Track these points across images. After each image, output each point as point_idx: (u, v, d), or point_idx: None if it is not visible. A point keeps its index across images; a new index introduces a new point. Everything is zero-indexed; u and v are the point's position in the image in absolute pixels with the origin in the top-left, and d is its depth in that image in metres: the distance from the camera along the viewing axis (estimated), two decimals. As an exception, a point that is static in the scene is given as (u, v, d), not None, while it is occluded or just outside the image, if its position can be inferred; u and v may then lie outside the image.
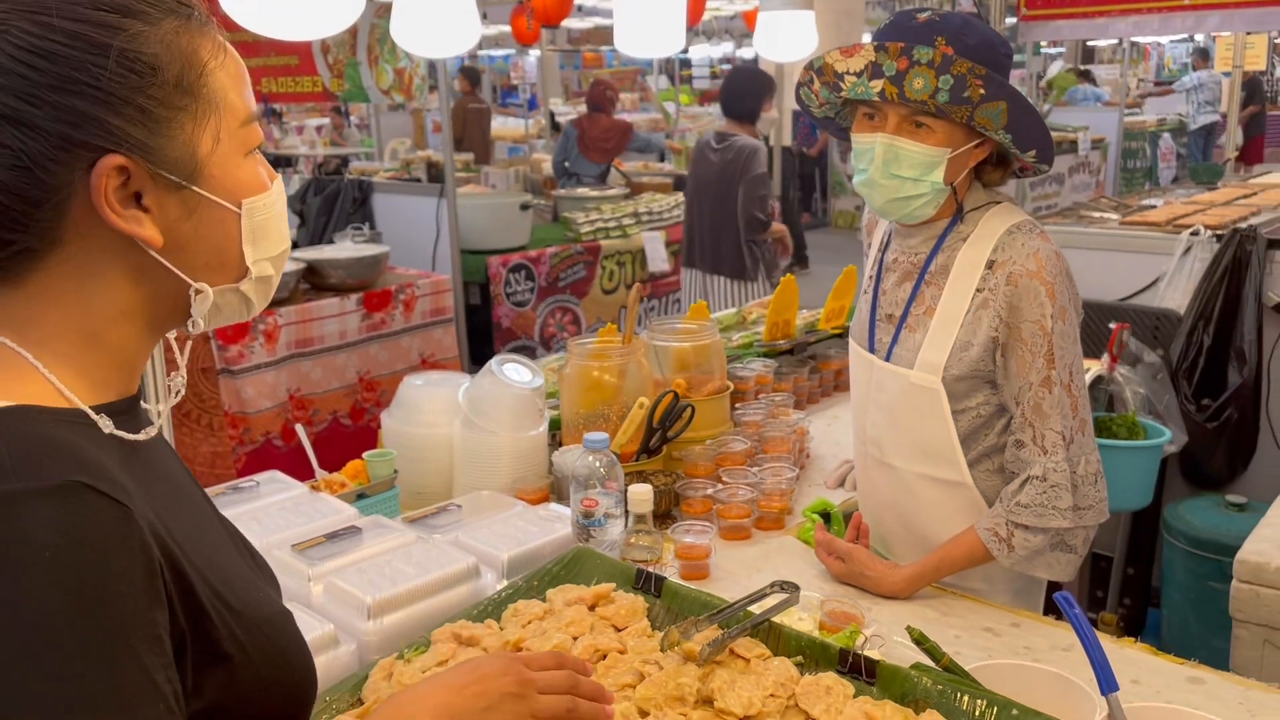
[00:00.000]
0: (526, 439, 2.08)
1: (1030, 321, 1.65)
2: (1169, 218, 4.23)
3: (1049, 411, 1.65)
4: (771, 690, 1.28)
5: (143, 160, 0.80)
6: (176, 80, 0.81)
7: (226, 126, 0.85)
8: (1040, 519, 1.65)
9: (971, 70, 1.55)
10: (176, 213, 0.83)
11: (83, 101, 0.77)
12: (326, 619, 1.48)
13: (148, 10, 0.80)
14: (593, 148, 7.73)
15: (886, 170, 1.65)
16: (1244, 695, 1.48)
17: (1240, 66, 6.62)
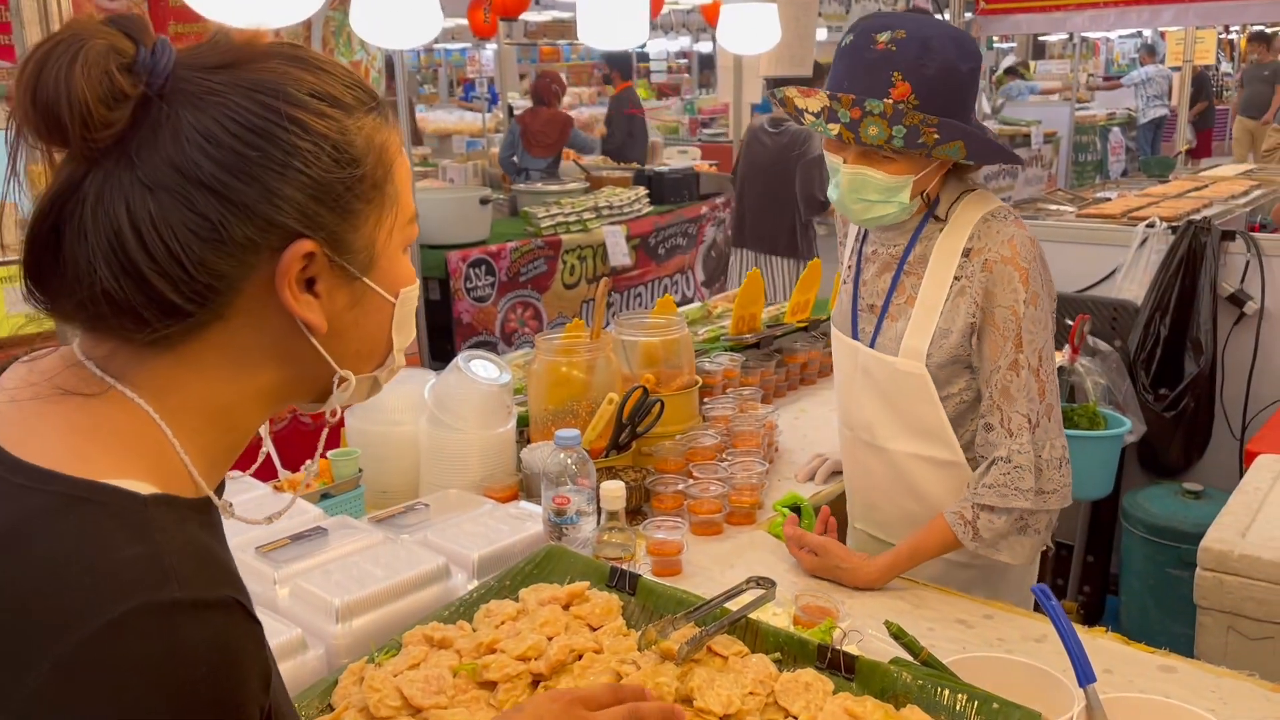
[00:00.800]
0: (494, 436, 2.05)
1: (1003, 306, 1.68)
2: (1124, 210, 4.29)
3: (1015, 395, 1.68)
4: (751, 688, 1.27)
5: (329, 248, 0.79)
6: (372, 175, 0.82)
7: (399, 222, 0.86)
8: (1003, 499, 1.67)
9: (924, 121, 1.58)
10: (344, 301, 0.83)
11: (291, 187, 0.76)
12: (293, 623, 1.45)
13: (352, 105, 0.81)
14: (535, 142, 7.66)
15: (854, 195, 1.70)
16: (1216, 684, 1.49)
17: (1190, 61, 6.72)
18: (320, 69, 0.81)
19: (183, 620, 0.68)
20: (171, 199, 0.73)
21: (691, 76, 16.60)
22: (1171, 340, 3.58)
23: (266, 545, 1.63)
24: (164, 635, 0.67)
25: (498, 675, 1.32)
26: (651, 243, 6.58)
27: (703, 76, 16.45)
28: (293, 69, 0.79)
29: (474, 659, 1.37)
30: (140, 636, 0.66)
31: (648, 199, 6.56)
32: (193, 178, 0.73)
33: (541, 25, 13.95)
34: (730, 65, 6.70)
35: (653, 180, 6.76)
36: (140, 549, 0.69)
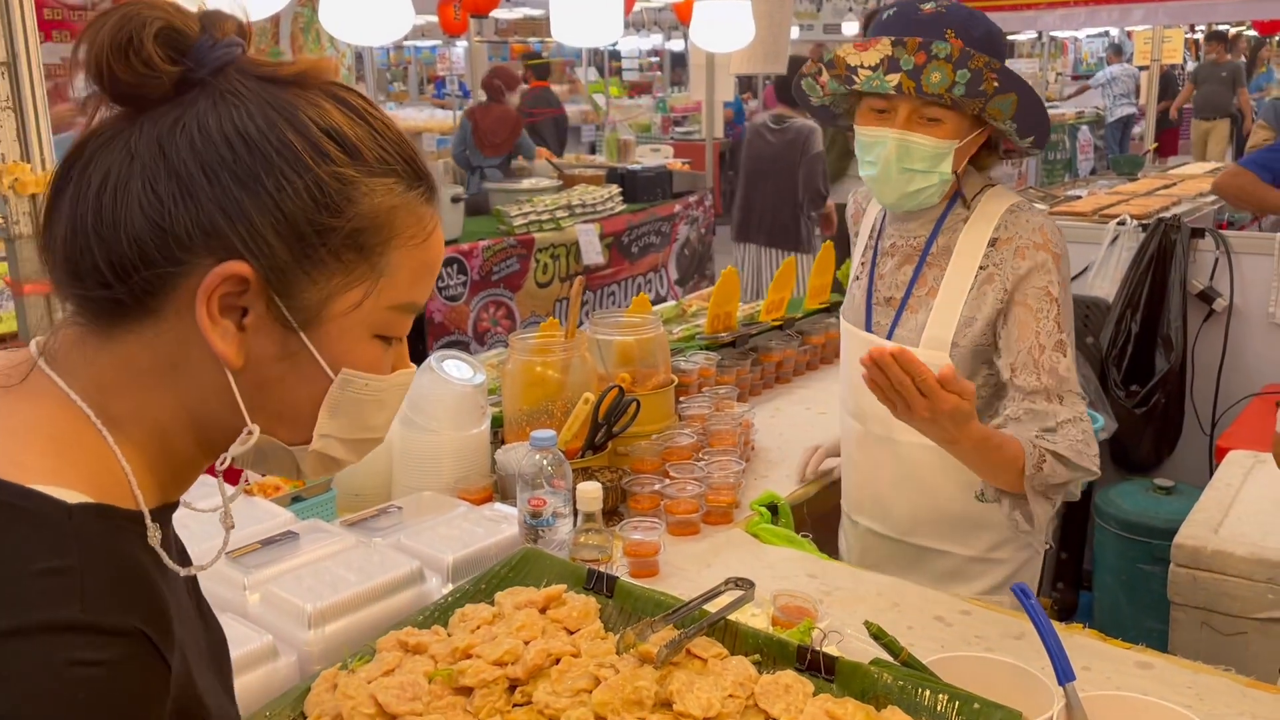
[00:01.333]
0: (468, 437, 2.03)
1: (1037, 288, 1.68)
2: (1094, 208, 4.32)
3: (1066, 375, 1.66)
4: (731, 690, 1.26)
5: (269, 284, 0.75)
6: (354, 233, 0.77)
7: (375, 301, 0.79)
8: (1077, 456, 1.63)
9: (988, 64, 1.58)
10: (272, 350, 0.77)
11: (253, 204, 0.74)
12: (264, 630, 1.42)
13: (372, 162, 0.78)
14: (484, 141, 7.55)
15: (899, 165, 1.68)
16: (1193, 679, 1.50)
17: (1158, 60, 6.79)
18: (358, 117, 0.78)
19: (75, 644, 0.64)
20: (142, 170, 0.73)
21: (663, 75, 16.60)
22: (1142, 337, 3.60)
23: (236, 550, 1.60)
24: (48, 658, 0.63)
25: (474, 681, 1.30)
26: (625, 241, 6.56)
27: (674, 74, 16.46)
28: (325, 103, 0.77)
29: (449, 664, 1.34)
30: (23, 656, 0.63)
31: (621, 197, 6.55)
32: (169, 158, 0.73)
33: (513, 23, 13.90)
34: (703, 63, 6.69)
35: (626, 178, 6.74)
36: (53, 562, 0.66)
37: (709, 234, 7.28)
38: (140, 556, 0.73)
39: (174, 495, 0.82)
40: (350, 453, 0.85)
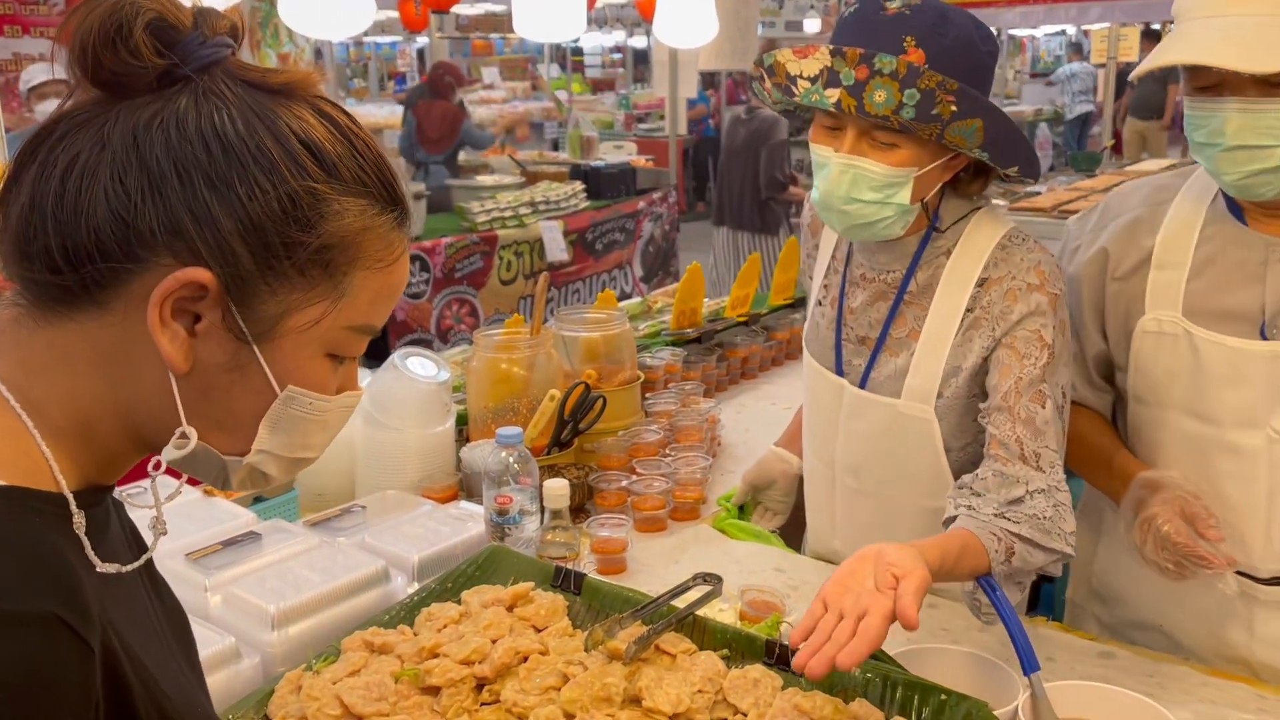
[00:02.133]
0: (433, 435, 2.01)
1: (1027, 330, 1.48)
2: (1054, 203, 4.38)
3: (1043, 428, 1.45)
4: (699, 686, 1.26)
5: (229, 294, 0.74)
6: (322, 251, 0.76)
7: (333, 320, 0.78)
8: (1047, 537, 1.41)
9: (942, 84, 1.36)
10: (222, 359, 0.76)
11: (221, 207, 0.72)
12: (226, 631, 1.40)
13: (349, 181, 0.76)
14: (426, 137, 7.52)
15: (845, 195, 1.46)
16: (1154, 668, 1.52)
17: (1115, 58, 6.88)
18: (340, 134, 0.77)
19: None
20: (112, 161, 0.72)
21: (626, 71, 16.58)
22: (1101, 331, 3.64)
23: (196, 552, 1.58)
24: None
25: (441, 680, 1.29)
26: (589, 238, 6.55)
27: (637, 71, 16.45)
28: (309, 116, 0.76)
29: (416, 664, 1.33)
30: None
31: (584, 194, 6.53)
32: (142, 152, 0.72)
33: (474, 19, 13.82)
34: (666, 60, 6.68)
35: (589, 175, 6.73)
36: None
37: (673, 230, 7.29)
38: (54, 539, 0.71)
39: (102, 482, 0.80)
40: (283, 470, 0.83)
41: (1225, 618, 1.55)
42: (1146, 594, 1.62)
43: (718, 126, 11.88)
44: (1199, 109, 1.40)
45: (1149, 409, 1.57)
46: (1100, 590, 1.72)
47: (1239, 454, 1.48)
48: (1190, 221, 1.53)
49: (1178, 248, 1.53)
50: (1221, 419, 1.49)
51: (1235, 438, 1.48)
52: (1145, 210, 1.58)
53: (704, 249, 9.65)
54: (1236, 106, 1.34)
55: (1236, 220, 1.50)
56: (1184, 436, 1.53)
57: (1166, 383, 1.53)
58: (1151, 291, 1.53)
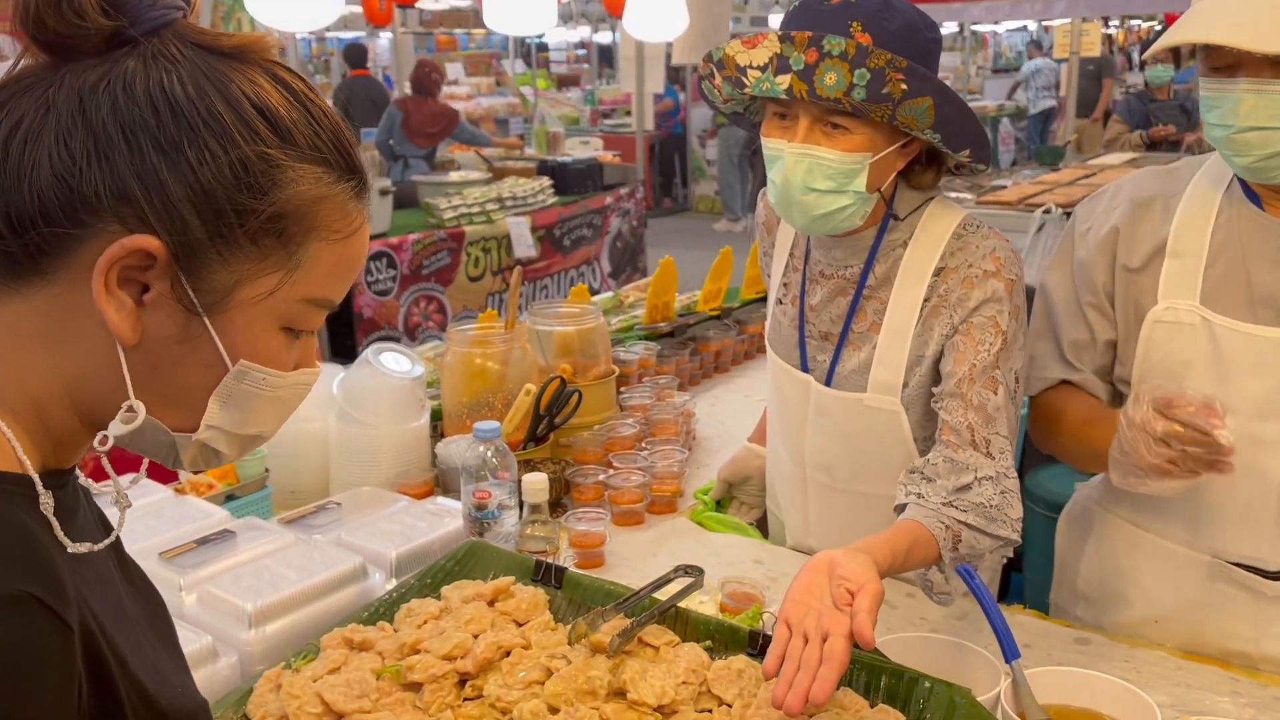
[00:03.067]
0: (408, 431, 2.00)
1: (984, 317, 1.49)
2: (1020, 197, 4.42)
3: (994, 415, 1.46)
4: (683, 678, 1.25)
5: (178, 262, 0.71)
6: (275, 219, 0.73)
7: (288, 292, 0.76)
8: (991, 524, 1.41)
9: (891, 63, 1.36)
10: (171, 330, 0.73)
11: (170, 172, 0.70)
12: (203, 631, 1.38)
13: (304, 147, 0.74)
14: (418, 132, 7.58)
15: (802, 185, 1.46)
16: (1129, 653, 1.54)
17: (1077, 53, 6.97)
18: (295, 100, 0.75)
19: None
20: (57, 124, 0.70)
21: (591, 67, 16.56)
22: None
23: (170, 551, 1.55)
24: None
25: (423, 676, 1.28)
26: (556, 234, 6.54)
27: (602, 67, 16.42)
28: (263, 80, 0.74)
29: (397, 660, 1.32)
30: None
31: (552, 190, 6.51)
32: (88, 115, 0.70)
33: (438, 14, 13.74)
34: (633, 55, 6.68)
35: (556, 171, 6.71)
36: None
37: (641, 226, 7.29)
38: (23, 519, 0.70)
39: (59, 465, 0.78)
40: (234, 448, 0.81)
41: (1230, 609, 1.53)
42: (1148, 589, 1.60)
43: (684, 123, 11.89)
44: (1213, 89, 1.38)
45: None
46: (1087, 592, 1.70)
47: (1255, 445, 1.43)
48: (1205, 209, 1.50)
49: (1193, 235, 1.49)
50: (1240, 409, 1.43)
51: (1253, 428, 1.43)
52: (1158, 196, 1.54)
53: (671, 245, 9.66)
54: (1249, 87, 1.32)
55: (1254, 206, 1.47)
56: None
57: (1180, 373, 1.48)
58: (1166, 280, 1.50)
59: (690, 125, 11.92)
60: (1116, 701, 1.28)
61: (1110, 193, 1.61)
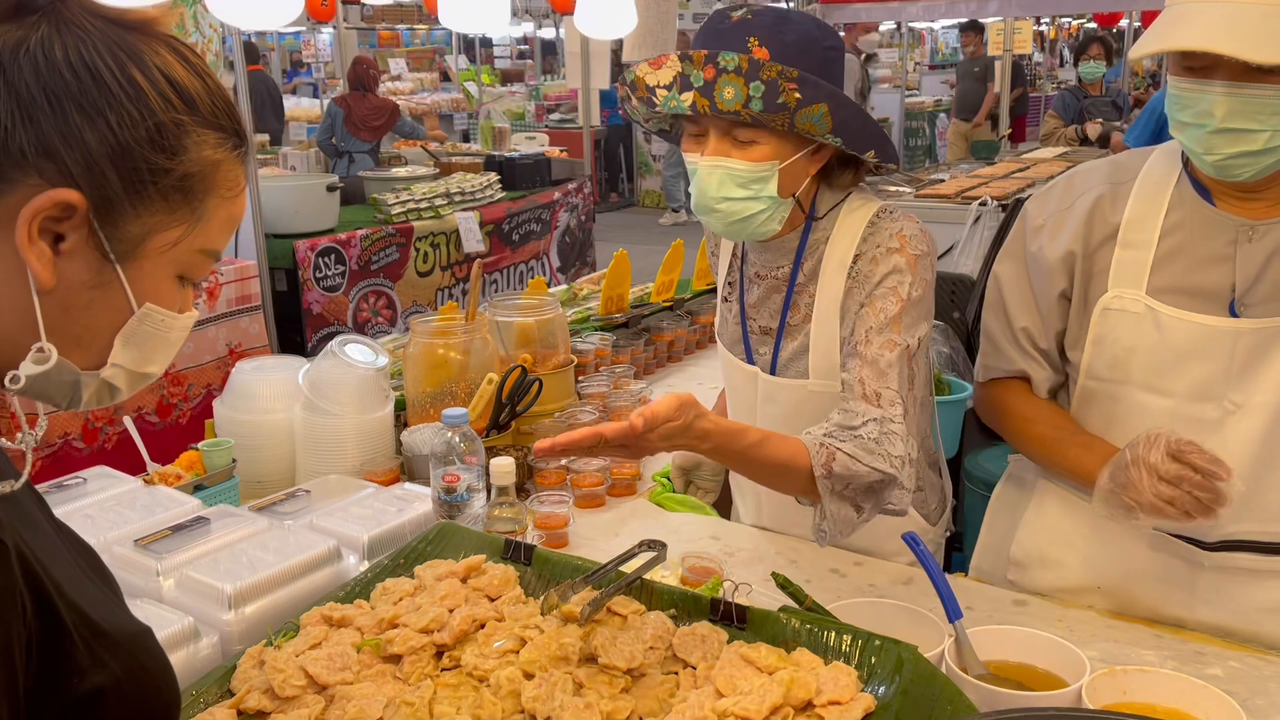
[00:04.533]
0: (373, 420, 2.05)
1: (885, 287, 1.58)
2: (957, 190, 4.56)
3: (886, 370, 1.54)
4: (651, 643, 1.33)
5: (96, 215, 0.78)
6: (184, 178, 0.82)
7: (188, 244, 0.84)
8: (870, 455, 1.49)
9: (782, 74, 1.46)
10: (85, 276, 0.80)
11: (91, 132, 0.77)
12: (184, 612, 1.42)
13: (206, 115, 0.83)
14: (362, 126, 7.62)
15: (716, 194, 1.56)
16: (1062, 614, 1.64)
17: (1010, 50, 7.16)
18: (194, 72, 0.83)
19: None
20: None
21: (534, 63, 16.54)
22: (1004, 311, 3.82)
23: (145, 538, 1.59)
24: None
25: (402, 649, 1.34)
26: (505, 229, 6.57)
27: (545, 63, 16.42)
28: (168, 54, 0.82)
29: (376, 635, 1.38)
30: None
31: (499, 185, 6.54)
32: (9, 78, 0.76)
33: (380, 10, 13.63)
34: (578, 51, 6.73)
35: (504, 166, 6.73)
36: None
37: (589, 221, 7.34)
38: None
39: None
40: (129, 385, 0.88)
41: (1168, 578, 1.63)
42: (1088, 555, 1.69)
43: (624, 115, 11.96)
44: (1187, 89, 1.42)
45: (1104, 384, 1.62)
46: (1020, 557, 1.78)
47: (1194, 425, 1.52)
48: (1156, 203, 1.57)
49: (1144, 228, 1.56)
50: (1179, 392, 1.54)
51: (1191, 410, 1.54)
52: (1107, 188, 1.61)
53: (619, 239, 9.72)
54: (1224, 90, 1.38)
55: (1205, 201, 1.54)
56: (1139, 409, 1.58)
57: (1124, 358, 1.58)
58: (1115, 269, 1.58)
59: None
60: (1050, 655, 1.38)
61: (1061, 187, 1.69)
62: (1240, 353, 1.51)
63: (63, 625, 0.78)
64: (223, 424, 2.11)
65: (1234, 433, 1.53)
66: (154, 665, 0.91)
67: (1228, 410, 1.53)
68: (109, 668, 0.82)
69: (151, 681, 0.89)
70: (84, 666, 0.80)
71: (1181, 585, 1.63)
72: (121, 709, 0.84)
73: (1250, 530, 1.57)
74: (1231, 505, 1.42)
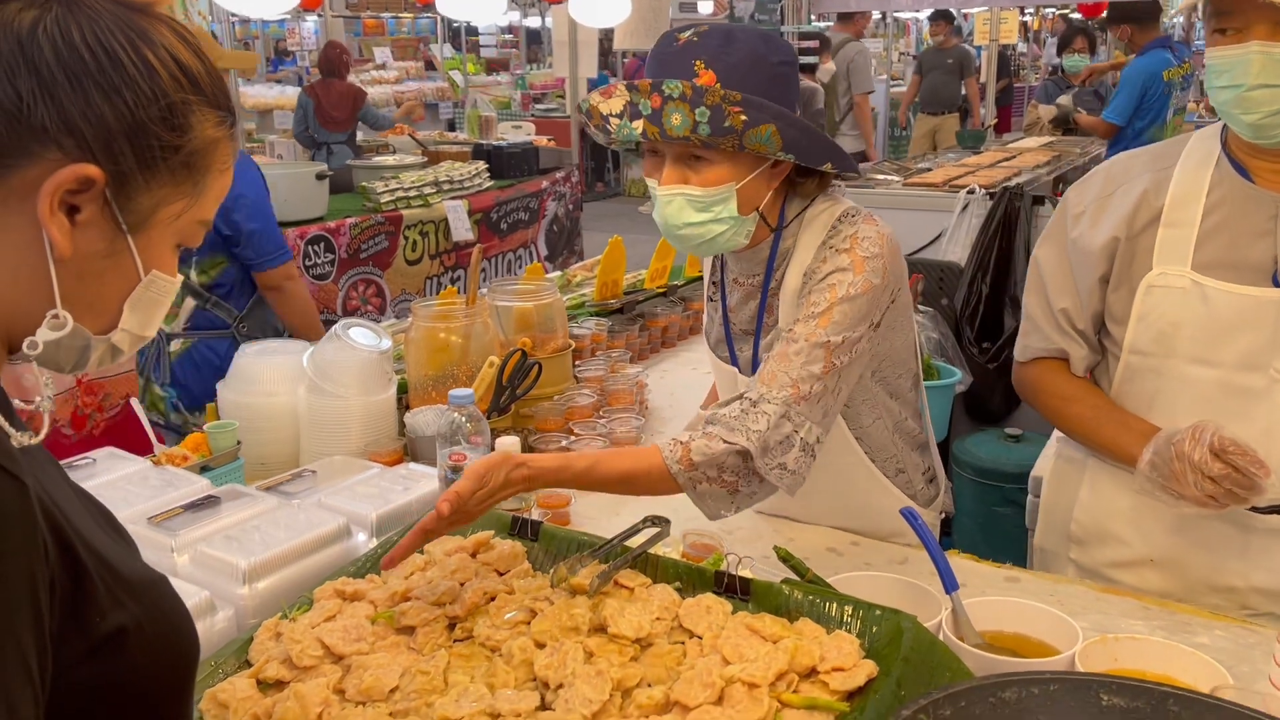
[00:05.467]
0: (376, 402, 2.08)
1: (825, 284, 1.59)
2: (945, 179, 4.60)
3: (792, 358, 1.56)
4: (658, 614, 1.37)
5: (111, 189, 0.83)
6: (191, 154, 0.87)
7: (190, 215, 0.90)
8: (730, 432, 1.52)
9: (725, 98, 1.47)
10: (99, 246, 0.85)
11: (111, 111, 0.81)
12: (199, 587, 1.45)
13: (208, 94, 0.88)
14: (329, 118, 7.57)
15: (677, 221, 1.59)
16: (1054, 588, 1.69)
17: (995, 40, 7.22)
18: (195, 54, 0.88)
19: None
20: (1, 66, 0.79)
21: (520, 52, 16.52)
22: (992, 298, 3.88)
23: (159, 515, 1.62)
24: None
25: (416, 621, 1.37)
26: (493, 218, 6.58)
27: (530, 52, 16.40)
28: (169, 34, 0.86)
29: (389, 608, 1.41)
30: None
31: (488, 174, 6.55)
32: (29, 56, 0.80)
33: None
34: (566, 40, 6.73)
35: (492, 155, 6.75)
36: None
37: (576, 210, 7.36)
38: None
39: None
40: (130, 346, 0.93)
41: (1221, 546, 1.67)
42: (1143, 531, 1.73)
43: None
44: (1223, 54, 1.50)
45: (1148, 359, 1.67)
46: (1081, 535, 1.83)
47: (1242, 394, 1.59)
48: (1198, 184, 1.63)
49: (1186, 208, 1.63)
50: (1226, 362, 1.60)
51: (1239, 379, 1.59)
52: (1149, 176, 1.68)
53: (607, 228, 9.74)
54: (1259, 49, 1.46)
55: (1244, 179, 1.60)
56: (1185, 382, 1.63)
57: (1171, 333, 1.63)
58: (1160, 248, 1.64)
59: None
60: (1044, 625, 1.43)
61: (1101, 176, 1.76)
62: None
63: (83, 566, 0.82)
64: (226, 407, 2.13)
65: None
66: (171, 609, 0.94)
67: (1274, 379, 1.59)
68: (128, 608, 0.86)
69: (169, 624, 0.92)
70: (105, 607, 0.84)
71: (1234, 551, 1.67)
72: (142, 650, 0.87)
73: None
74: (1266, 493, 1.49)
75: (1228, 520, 1.65)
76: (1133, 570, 1.76)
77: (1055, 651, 1.38)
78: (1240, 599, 1.68)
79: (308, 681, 1.27)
